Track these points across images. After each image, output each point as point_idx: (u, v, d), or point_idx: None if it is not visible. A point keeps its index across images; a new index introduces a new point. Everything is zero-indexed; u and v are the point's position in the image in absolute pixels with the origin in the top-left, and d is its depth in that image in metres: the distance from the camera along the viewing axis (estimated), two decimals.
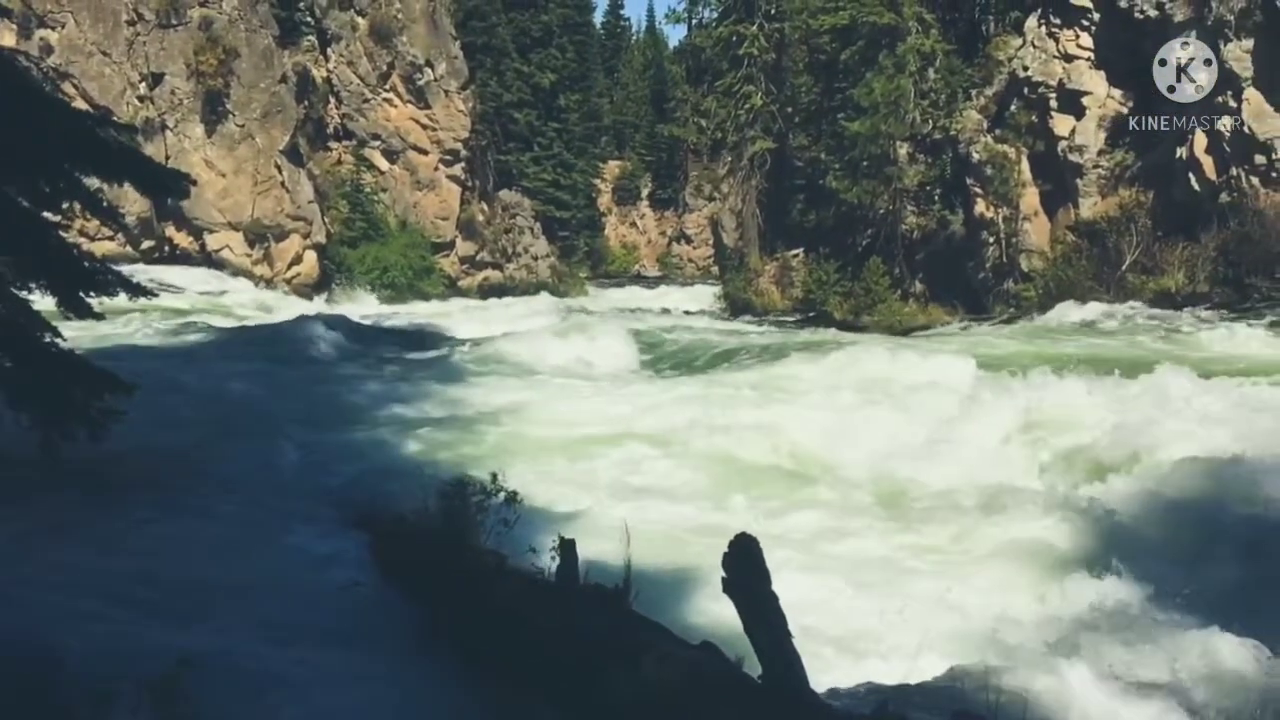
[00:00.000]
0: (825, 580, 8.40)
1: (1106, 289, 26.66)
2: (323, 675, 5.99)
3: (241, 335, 22.41)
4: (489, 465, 8.64)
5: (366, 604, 7.12)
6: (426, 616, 6.98)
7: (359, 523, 8.83)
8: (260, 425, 13.05)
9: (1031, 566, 9.00)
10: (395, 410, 14.51)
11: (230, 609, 6.80)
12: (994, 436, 12.43)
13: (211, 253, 36.29)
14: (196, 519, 9.09)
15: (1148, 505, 10.03)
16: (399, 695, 5.93)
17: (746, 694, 5.01)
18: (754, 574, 4.89)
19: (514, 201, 48.41)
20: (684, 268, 66.40)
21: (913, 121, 31.46)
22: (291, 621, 6.69)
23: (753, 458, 12.15)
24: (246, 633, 6.37)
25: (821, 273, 33.06)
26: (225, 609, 6.79)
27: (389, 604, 7.21)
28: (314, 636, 6.55)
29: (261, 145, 36.46)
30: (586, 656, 5.66)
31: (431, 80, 41.79)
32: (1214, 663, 6.79)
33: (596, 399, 15.58)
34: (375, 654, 6.47)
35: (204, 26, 36.05)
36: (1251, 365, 15.74)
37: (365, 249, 39.81)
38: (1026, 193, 30.24)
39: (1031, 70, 30.18)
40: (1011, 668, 6.46)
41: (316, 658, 6.24)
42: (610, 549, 6.58)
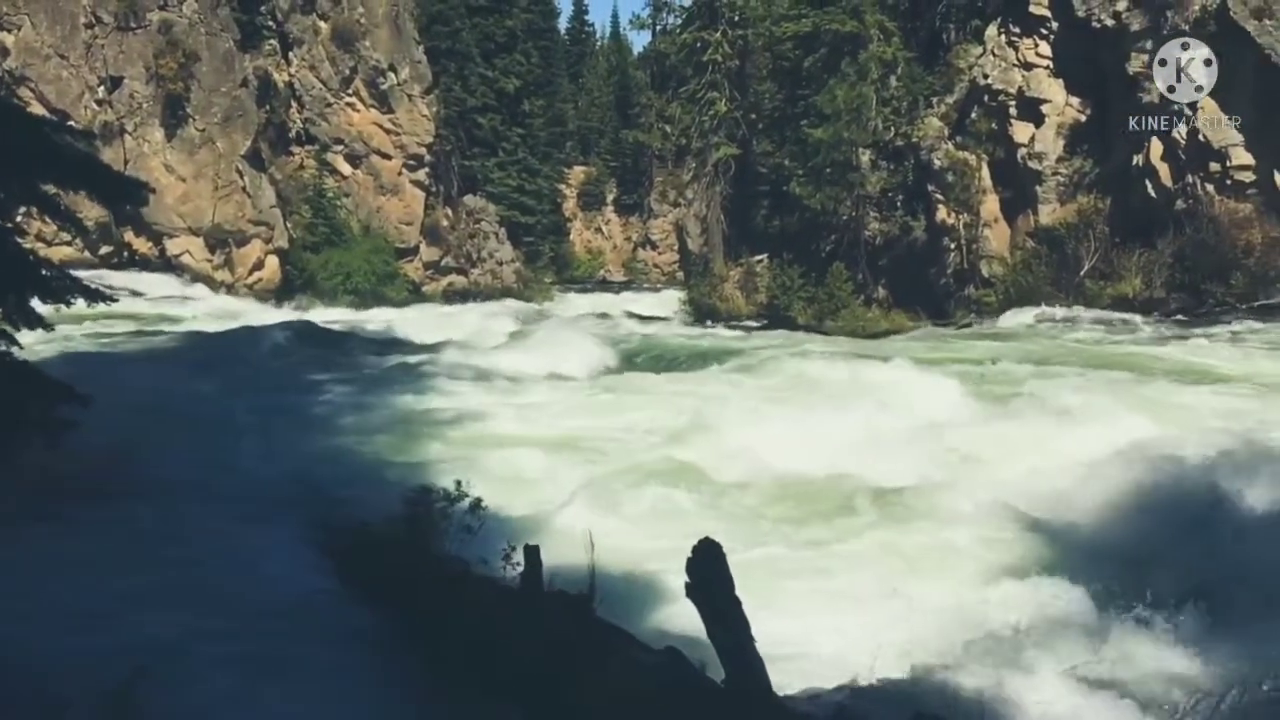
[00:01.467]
0: (781, 583, 8.44)
1: (1066, 295, 26.99)
2: (282, 684, 5.95)
3: (201, 341, 22.19)
4: (452, 472, 8.63)
5: (328, 612, 7.07)
6: (390, 624, 6.95)
7: (320, 530, 8.77)
8: (218, 432, 12.92)
9: (984, 567, 9.08)
10: (357, 417, 14.42)
11: (186, 618, 6.73)
12: (939, 437, 12.57)
13: (171, 258, 35.89)
14: (150, 528, 9.00)
15: (1098, 505, 10.17)
16: (362, 703, 5.90)
17: (710, 698, 5.04)
18: (717, 579, 4.93)
19: (478, 207, 48.23)
20: (649, 273, 66.44)
21: (875, 128, 31.71)
22: (249, 631, 6.64)
23: (716, 464, 12.16)
24: (203, 642, 6.31)
25: (786, 278, 33.21)
26: (181, 618, 6.71)
27: (351, 612, 7.17)
28: (273, 645, 6.50)
29: (222, 150, 36.12)
30: (552, 662, 5.67)
31: (395, 85, 41.59)
32: (1165, 661, 6.90)
33: (562, 404, 15.57)
34: (338, 662, 6.43)
35: (164, 30, 35.68)
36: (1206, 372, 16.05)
37: (328, 254, 39.51)
38: (987, 199, 30.58)
39: (992, 78, 30.53)
40: (967, 667, 6.53)
41: (276, 667, 6.20)
42: (575, 555, 6.59)
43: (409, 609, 6.81)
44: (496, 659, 6.01)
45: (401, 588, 6.97)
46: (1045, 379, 15.25)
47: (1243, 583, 7.95)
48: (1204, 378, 15.27)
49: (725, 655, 4.87)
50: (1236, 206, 25.14)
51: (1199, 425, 11.92)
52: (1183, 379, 15.10)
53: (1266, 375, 15.41)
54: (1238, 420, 12.18)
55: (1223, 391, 14.14)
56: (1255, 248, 24.56)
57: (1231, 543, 8.85)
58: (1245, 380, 14.99)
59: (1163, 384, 14.69)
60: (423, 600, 6.69)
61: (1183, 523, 9.28)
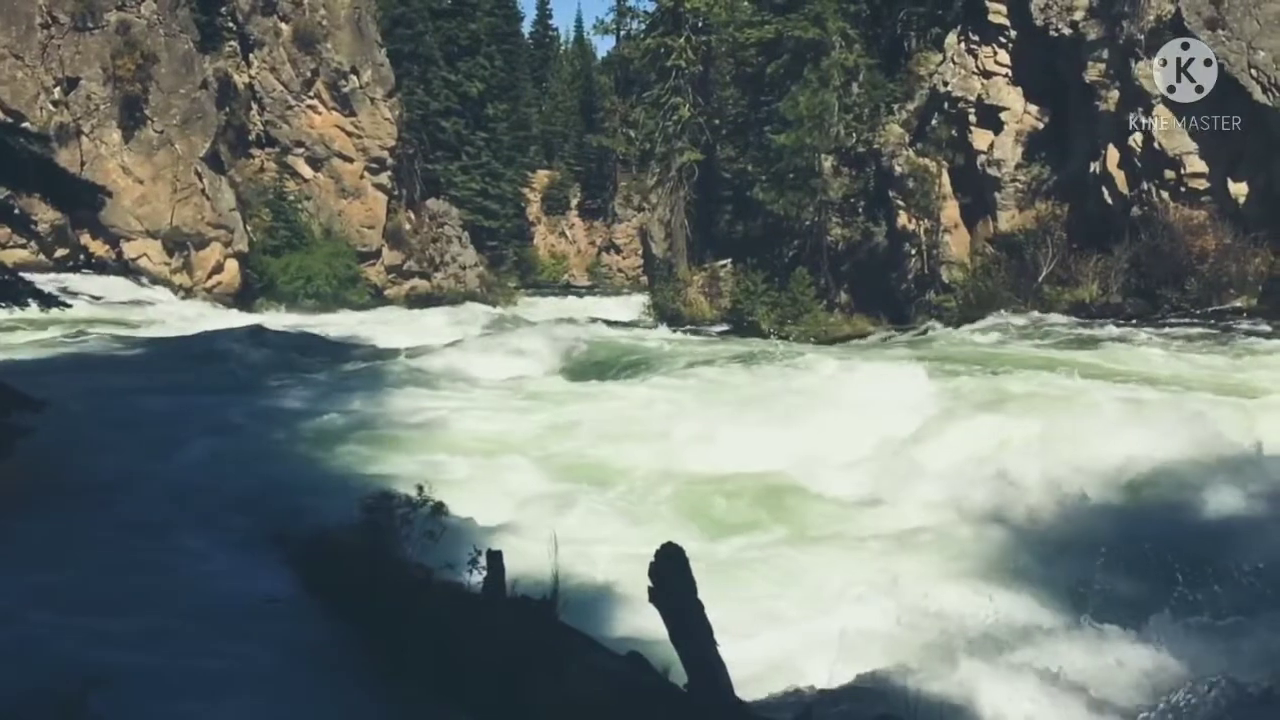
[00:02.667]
0: (745, 586, 8.47)
1: (1024, 300, 27.30)
2: (240, 692, 5.88)
3: (158, 346, 21.90)
4: (413, 477, 8.56)
5: (287, 619, 7.00)
6: (351, 631, 6.89)
7: (278, 537, 8.68)
8: (175, 438, 12.74)
9: (947, 568, 9.16)
10: (317, 422, 14.27)
11: (142, 626, 6.63)
12: (905, 439, 12.67)
13: (129, 261, 35.38)
14: (106, 534, 8.86)
15: (1062, 507, 10.29)
16: (320, 711, 5.84)
17: (672, 703, 5.03)
18: (680, 583, 4.92)
19: (441, 210, 48.02)
20: (613, 278, 66.46)
21: (837, 135, 31.93)
22: (206, 638, 6.55)
23: (681, 466, 12.18)
24: (159, 650, 6.23)
25: (749, 283, 33.32)
26: (137, 626, 6.62)
27: (310, 619, 7.10)
28: (231, 653, 6.43)
29: (181, 152, 35.70)
30: (514, 668, 5.64)
31: (356, 87, 41.32)
32: (1128, 662, 6.96)
33: (524, 409, 15.51)
34: (296, 670, 6.37)
35: (121, 30, 35.21)
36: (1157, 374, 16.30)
37: (289, 258, 39.16)
38: (947, 205, 30.88)
39: (951, 86, 30.85)
40: (930, 669, 6.56)
41: (233, 674, 6.13)
42: (537, 561, 6.56)
43: (369, 616, 6.75)
44: (457, 665, 5.97)
45: (362, 594, 6.91)
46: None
47: (1211, 580, 8.06)
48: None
49: (688, 660, 4.86)
50: (1191, 214, 25.57)
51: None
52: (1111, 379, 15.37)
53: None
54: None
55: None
56: (1209, 254, 24.98)
57: (1197, 541, 9.00)
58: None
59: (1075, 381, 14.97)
60: (383, 607, 6.64)
61: (1148, 521, 9.40)
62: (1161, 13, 25.87)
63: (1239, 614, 7.55)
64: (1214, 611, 7.56)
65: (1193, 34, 25.06)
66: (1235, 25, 24.74)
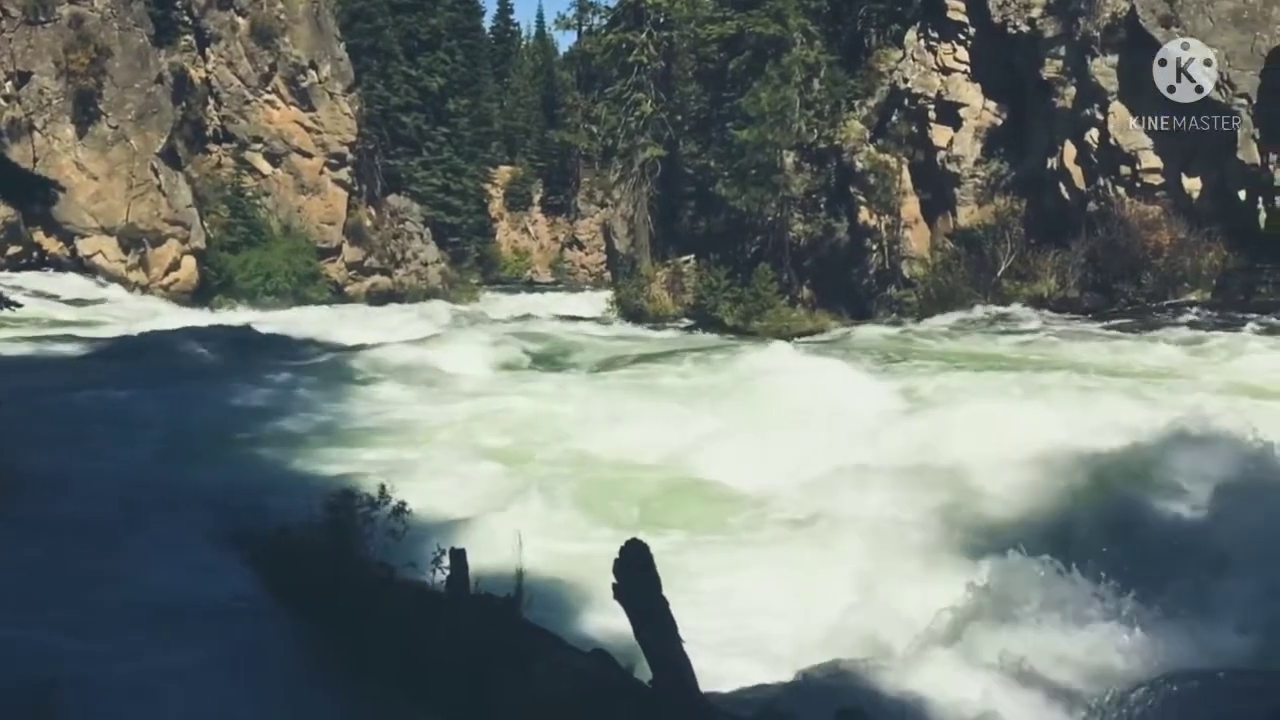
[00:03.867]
0: (703, 580, 8.48)
1: (984, 294, 27.56)
2: (200, 694, 5.82)
3: (114, 345, 21.59)
4: (376, 476, 8.50)
5: (248, 620, 6.92)
6: (313, 631, 6.83)
7: (239, 537, 8.58)
8: (132, 438, 12.57)
9: (908, 559, 9.22)
10: (277, 421, 14.13)
11: (101, 628, 6.53)
12: (861, 427, 12.75)
13: (84, 258, 34.87)
14: (61, 535, 8.70)
15: (1024, 495, 10.37)
16: (284, 712, 5.79)
17: (637, 700, 5.04)
18: (644, 580, 4.93)
19: (403, 206, 47.70)
20: (577, 274, 66.38)
21: (799, 131, 32.05)
22: (166, 640, 6.47)
23: (644, 461, 12.19)
24: (119, 652, 6.13)
25: (712, 279, 33.38)
26: (97, 628, 6.52)
27: (272, 619, 7.03)
28: (191, 654, 6.34)
29: (136, 147, 35.20)
30: (478, 666, 5.62)
31: (315, 82, 40.93)
32: (1092, 651, 7.04)
33: (486, 406, 15.43)
34: (258, 670, 6.30)
35: (74, 24, 34.65)
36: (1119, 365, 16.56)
37: (247, 254, 38.74)
38: (907, 201, 31.10)
39: (911, 82, 31.07)
40: (892, 661, 6.61)
41: (194, 676, 6.05)
42: (502, 559, 6.54)
43: (332, 615, 6.69)
44: (422, 665, 5.94)
45: (324, 594, 6.85)
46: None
47: (1170, 569, 8.17)
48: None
49: (652, 657, 4.87)
50: (1146, 209, 25.94)
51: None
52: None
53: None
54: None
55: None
56: (1164, 249, 25.36)
57: (1158, 529, 9.11)
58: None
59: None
60: (346, 606, 6.58)
61: (1109, 510, 9.50)
62: (1117, 10, 26.22)
63: (1193, 603, 7.66)
64: (1169, 600, 7.67)
65: (1147, 31, 25.41)
66: (1189, 23, 25.11)
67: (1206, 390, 14.08)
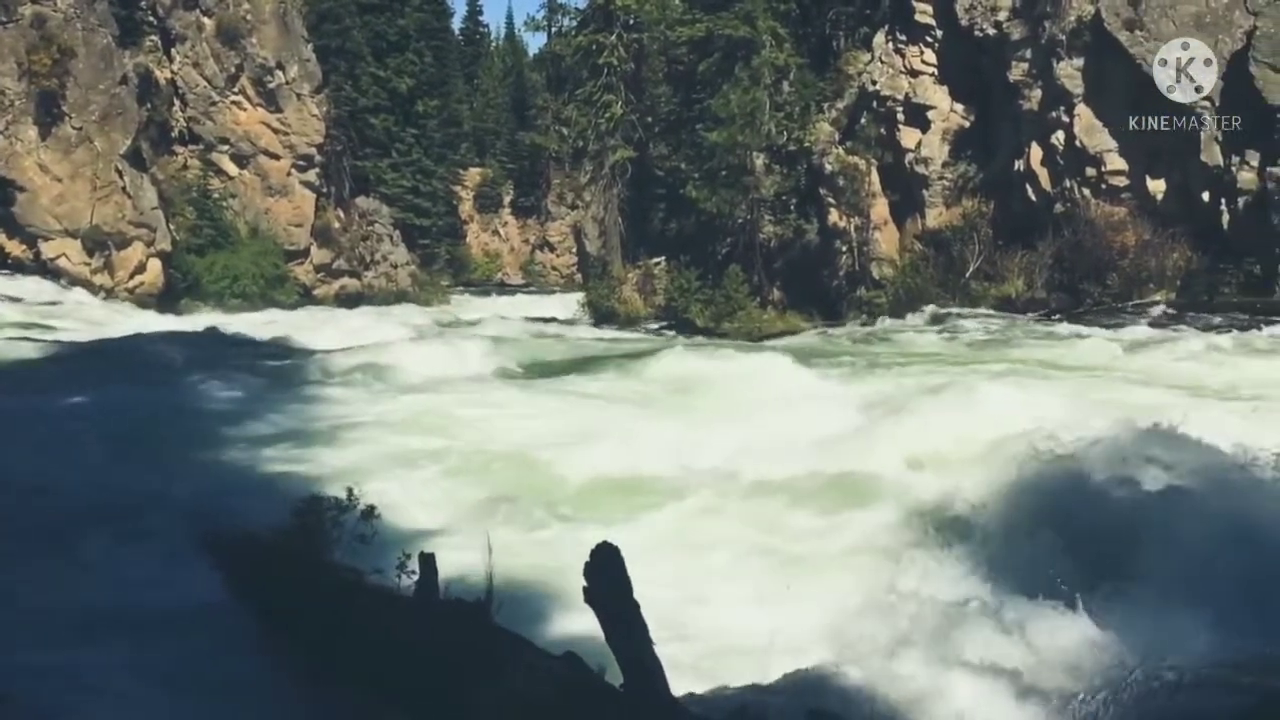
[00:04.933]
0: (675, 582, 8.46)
1: (952, 295, 27.77)
2: (170, 703, 5.74)
3: (78, 349, 21.30)
4: (344, 479, 8.41)
5: (216, 627, 6.84)
6: (282, 637, 6.76)
7: (206, 542, 8.47)
8: (96, 443, 12.37)
9: (877, 558, 9.23)
10: (244, 425, 13.97)
11: (58, 638, 6.42)
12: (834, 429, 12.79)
13: (47, 261, 34.35)
14: (19, 543, 8.56)
15: (992, 494, 10.42)
16: (249, 717, 5.72)
17: (609, 703, 5.02)
18: (615, 583, 4.90)
19: (372, 208, 47.40)
20: (548, 275, 66.25)
21: (768, 133, 32.14)
22: (131, 649, 6.37)
23: (614, 463, 12.14)
24: (81, 662, 6.04)
25: (683, 280, 33.43)
26: (53, 638, 6.40)
27: (240, 626, 6.95)
28: (159, 662, 6.26)
29: (100, 149, 34.73)
30: (449, 671, 5.58)
31: (283, 83, 40.60)
32: (1061, 648, 7.07)
33: (456, 409, 15.34)
34: (224, 676, 6.24)
35: (37, 24, 34.15)
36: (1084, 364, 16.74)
37: (214, 257, 38.34)
38: (876, 203, 31.27)
39: (879, 84, 31.25)
40: (862, 661, 6.61)
41: (162, 684, 5.98)
42: (471, 562, 6.49)
43: (299, 621, 6.63)
44: (393, 670, 5.90)
45: (293, 599, 6.78)
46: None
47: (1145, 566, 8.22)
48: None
49: (623, 659, 4.85)
50: (1111, 210, 26.24)
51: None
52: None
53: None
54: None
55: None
56: (1129, 249, 25.67)
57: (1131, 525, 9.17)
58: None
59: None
60: (314, 612, 6.52)
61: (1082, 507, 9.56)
62: (1082, 14, 26.51)
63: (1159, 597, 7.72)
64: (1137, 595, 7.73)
65: (1112, 35, 25.70)
66: (1152, 26, 25.42)
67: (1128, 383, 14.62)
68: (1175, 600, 7.53)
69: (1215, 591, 7.61)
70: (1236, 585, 7.74)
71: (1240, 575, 7.86)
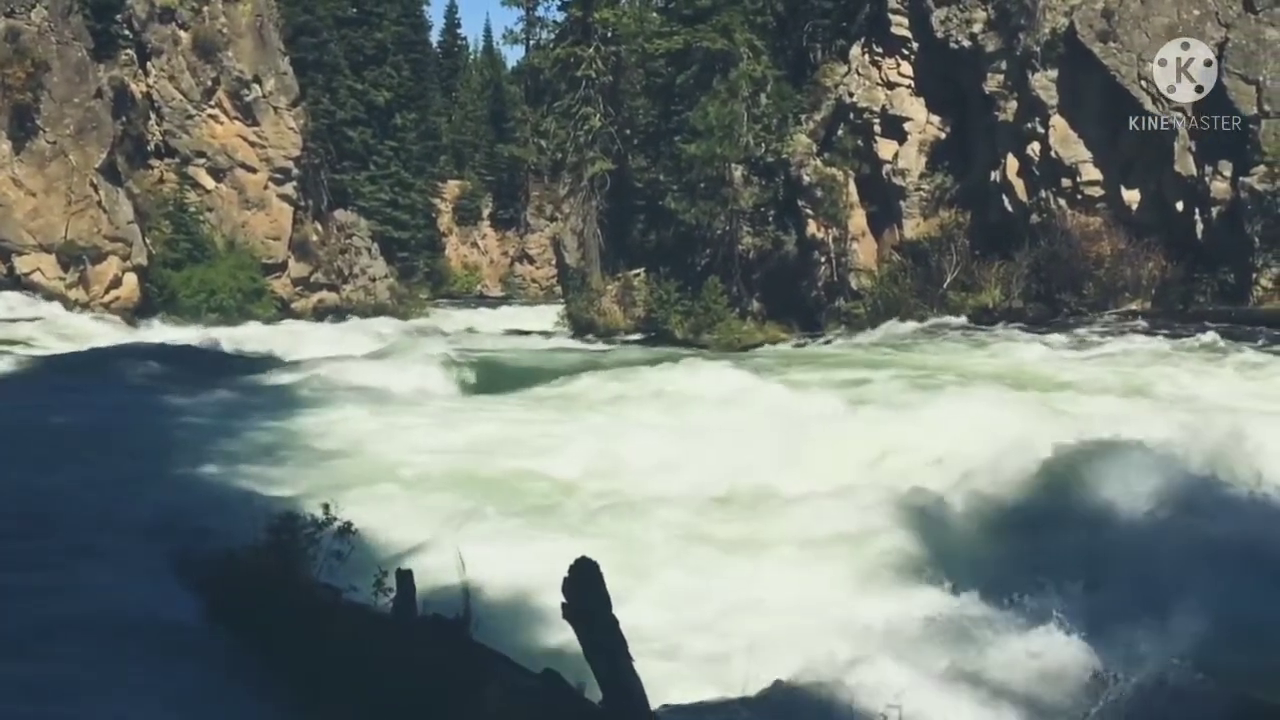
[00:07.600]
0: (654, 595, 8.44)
1: (931, 306, 27.90)
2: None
3: (53, 364, 21.12)
4: (320, 497, 8.34)
5: (191, 647, 6.75)
6: (257, 656, 6.68)
7: (180, 562, 8.37)
8: (69, 459, 12.23)
9: (859, 570, 9.24)
10: (220, 441, 13.85)
11: (30, 656, 6.31)
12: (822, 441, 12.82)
13: (21, 276, 34.09)
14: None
15: (977, 508, 10.45)
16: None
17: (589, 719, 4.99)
18: (594, 599, 4.88)
19: (350, 221, 47.25)
20: (527, 288, 66.16)
21: (746, 145, 32.22)
22: (104, 670, 6.28)
23: (589, 480, 12.11)
24: (55, 679, 5.94)
25: (662, 292, 33.47)
26: (24, 656, 6.30)
27: (216, 646, 6.86)
28: (134, 685, 6.17)
29: (75, 163, 34.51)
30: (427, 688, 5.53)
31: (260, 96, 40.47)
32: (1042, 661, 7.08)
33: (431, 425, 15.26)
34: (205, 699, 6.15)
35: (10, 38, 33.94)
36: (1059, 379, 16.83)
37: (190, 271, 38.12)
38: (854, 214, 31.41)
39: (856, 96, 31.40)
40: (842, 672, 6.60)
41: (137, 708, 5.88)
42: (448, 579, 6.46)
43: (276, 639, 6.56)
44: (371, 688, 5.83)
45: (269, 618, 6.71)
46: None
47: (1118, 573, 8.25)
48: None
49: (602, 676, 4.82)
50: (1087, 220, 26.45)
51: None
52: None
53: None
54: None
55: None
56: (1105, 259, 25.87)
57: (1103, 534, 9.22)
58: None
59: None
60: (291, 630, 6.45)
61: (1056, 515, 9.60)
62: (1056, 26, 26.75)
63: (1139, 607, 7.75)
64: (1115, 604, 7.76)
65: (1085, 46, 25.93)
66: (1125, 38, 25.67)
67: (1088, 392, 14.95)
68: (1145, 610, 7.57)
69: (1184, 603, 7.65)
70: (1205, 596, 7.78)
71: (1209, 586, 7.91)
